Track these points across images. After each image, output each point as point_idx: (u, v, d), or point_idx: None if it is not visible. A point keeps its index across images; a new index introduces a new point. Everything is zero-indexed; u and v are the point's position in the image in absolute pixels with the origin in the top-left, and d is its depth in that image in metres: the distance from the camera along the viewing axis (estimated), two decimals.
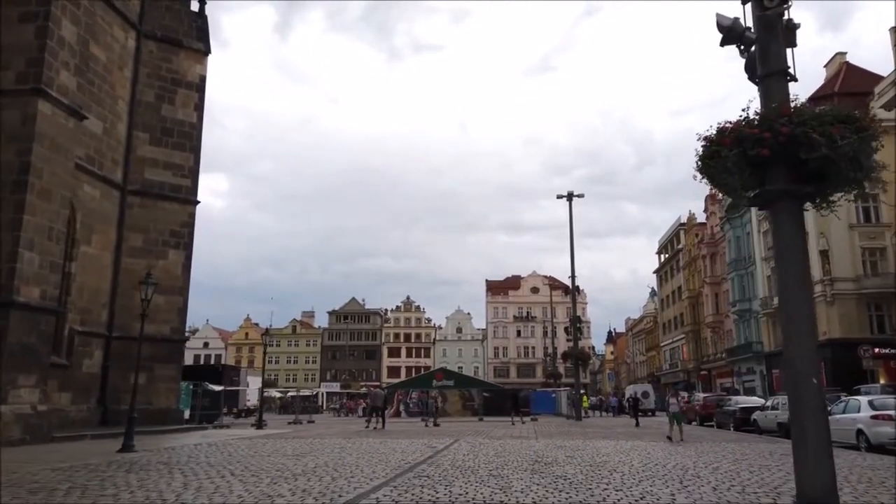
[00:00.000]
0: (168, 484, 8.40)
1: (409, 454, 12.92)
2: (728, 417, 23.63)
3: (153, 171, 22.57)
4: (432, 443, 16.07)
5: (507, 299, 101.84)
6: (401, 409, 37.86)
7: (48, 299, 15.39)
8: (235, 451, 13.62)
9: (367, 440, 17.18)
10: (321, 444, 15.58)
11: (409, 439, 17.59)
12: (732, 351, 53.88)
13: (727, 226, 54.31)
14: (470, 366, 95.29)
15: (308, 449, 14.30)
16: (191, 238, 22.98)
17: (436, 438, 17.82)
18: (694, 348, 66.09)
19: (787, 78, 6.95)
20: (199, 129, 23.83)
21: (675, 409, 17.67)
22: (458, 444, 15.70)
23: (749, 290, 51.03)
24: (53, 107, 15.57)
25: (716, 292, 59.47)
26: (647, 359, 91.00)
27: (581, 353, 34.96)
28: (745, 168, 6.53)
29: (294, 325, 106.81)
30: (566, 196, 36.65)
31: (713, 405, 26.81)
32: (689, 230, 69.84)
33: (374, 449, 14.24)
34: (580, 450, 14.04)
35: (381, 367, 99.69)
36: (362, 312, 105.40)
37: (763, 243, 47.51)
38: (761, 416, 20.53)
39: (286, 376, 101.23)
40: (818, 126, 6.18)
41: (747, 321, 51.47)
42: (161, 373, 21.66)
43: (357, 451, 13.76)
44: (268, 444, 15.93)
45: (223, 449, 14.31)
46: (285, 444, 15.58)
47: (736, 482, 8.85)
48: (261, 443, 16.32)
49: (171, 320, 22.27)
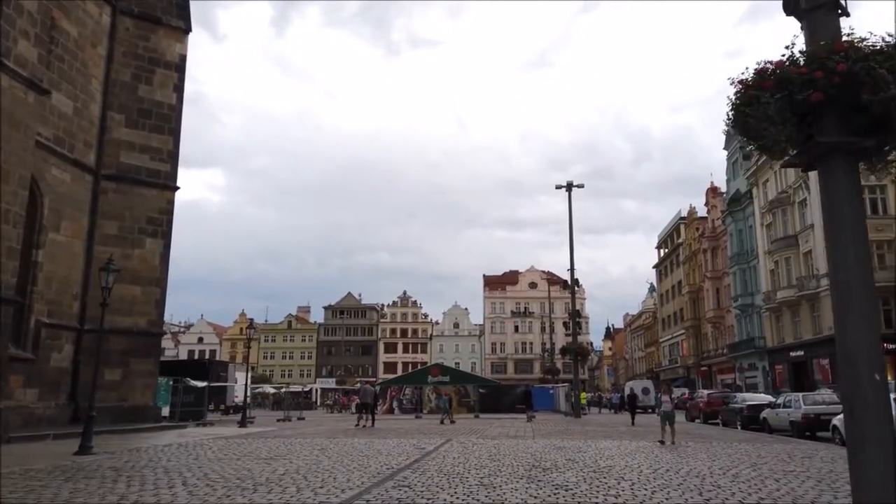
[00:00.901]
0: (103, 496, 7.21)
1: (394, 457, 11.75)
2: (734, 415, 22.48)
3: (129, 155, 21.29)
4: (421, 443, 14.91)
5: (504, 294, 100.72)
6: (394, 406, 36.71)
7: (4, 288, 14.16)
8: (204, 454, 12.45)
9: (353, 440, 16.02)
10: (300, 445, 14.40)
11: (397, 439, 16.43)
12: (734, 346, 52.82)
13: (729, 219, 53.19)
14: (467, 362, 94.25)
15: (285, 451, 13.13)
16: (169, 226, 21.71)
17: (426, 438, 16.66)
18: (694, 344, 65.02)
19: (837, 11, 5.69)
20: (179, 111, 22.55)
21: (667, 407, 15.90)
22: (449, 444, 14.54)
23: (751, 284, 49.94)
24: (10, 78, 14.31)
25: (717, 287, 58.38)
26: (646, 355, 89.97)
27: (580, 347, 33.81)
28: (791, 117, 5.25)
29: (289, 321, 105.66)
30: (565, 186, 35.47)
31: (718, 402, 25.66)
32: (689, 224, 68.69)
33: (357, 451, 13.07)
34: (581, 452, 12.88)
35: (378, 363, 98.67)
36: (359, 307, 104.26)
37: (766, 236, 46.39)
38: (772, 415, 19.39)
39: (281, 372, 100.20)
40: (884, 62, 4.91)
41: (749, 316, 50.39)
42: (137, 368, 20.44)
43: (337, 453, 12.59)
44: (244, 444, 14.76)
45: (192, 451, 13.13)
46: (262, 445, 14.41)
47: (763, 492, 7.69)
48: (237, 443, 15.15)
49: (148, 312, 21.03)
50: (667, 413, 15.56)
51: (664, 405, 16.17)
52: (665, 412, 15.65)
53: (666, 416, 15.46)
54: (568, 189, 35.40)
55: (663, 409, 15.94)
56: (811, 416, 17.08)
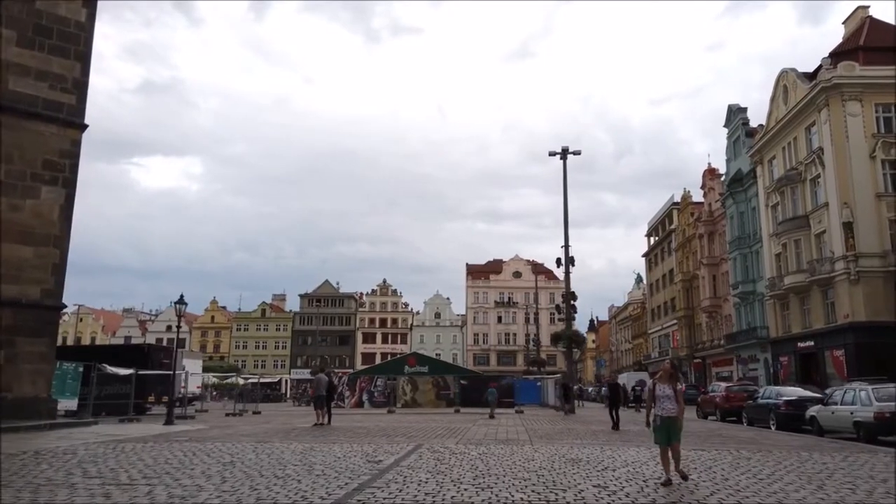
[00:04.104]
0: None
1: (327, 482, 7.64)
2: (764, 413, 18.69)
3: (21, 82, 16.77)
4: (378, 453, 10.81)
5: (488, 284, 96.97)
6: (363, 399, 32.55)
7: None
8: (41, 472, 8.23)
9: (287, 446, 11.87)
10: (206, 456, 10.24)
11: (349, 444, 12.30)
12: (732, 337, 49.46)
13: (729, 201, 49.66)
14: (448, 353, 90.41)
15: (176, 464, 8.98)
16: (73, 173, 17.23)
17: (388, 443, 12.54)
18: (687, 335, 61.71)
19: None
20: (90, 31, 18.03)
21: (670, 413, 8.01)
22: (415, 455, 10.45)
23: (753, 270, 46.52)
24: None
25: (713, 274, 55.02)
26: (634, 346, 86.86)
27: (574, 334, 29.87)
28: None
29: (263, 309, 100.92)
30: (560, 154, 31.51)
31: (740, 397, 21.87)
32: (683, 209, 65.28)
33: (275, 466, 8.96)
34: (608, 469, 8.91)
35: (356, 354, 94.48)
36: (336, 296, 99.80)
37: (771, 218, 42.92)
38: (824, 413, 15.56)
39: (254, 362, 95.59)
40: None
41: (751, 304, 46.99)
42: (25, 350, 16.01)
43: (243, 471, 8.45)
44: (125, 454, 10.56)
45: (34, 466, 8.89)
46: (150, 456, 10.24)
47: None
48: (127, 449, 10.96)
49: (41, 280, 16.59)
50: (667, 422, 7.94)
51: (663, 405, 8.04)
52: (665, 421, 7.96)
53: (666, 429, 7.92)
54: (563, 156, 31.49)
55: (662, 413, 8.01)
56: (886, 415, 13.23)
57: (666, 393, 8.05)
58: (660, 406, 8.04)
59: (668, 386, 8.14)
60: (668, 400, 8.01)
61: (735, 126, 50.12)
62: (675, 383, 8.28)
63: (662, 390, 8.09)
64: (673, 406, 7.98)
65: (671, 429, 7.92)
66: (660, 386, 8.18)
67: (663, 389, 8.10)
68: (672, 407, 7.97)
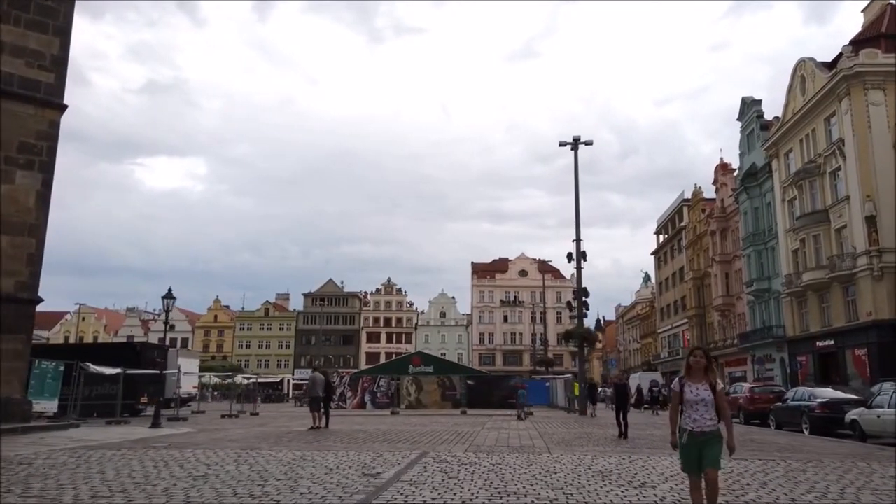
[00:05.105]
0: None
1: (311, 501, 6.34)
2: (795, 415, 17.30)
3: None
4: (377, 463, 9.51)
5: (493, 283, 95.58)
6: (365, 400, 31.27)
7: None
8: None
9: (276, 454, 10.59)
10: (184, 465, 8.98)
11: (345, 452, 11.00)
12: (746, 336, 48.01)
13: (743, 196, 48.17)
14: (454, 352, 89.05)
15: (139, 478, 7.71)
16: (51, 156, 15.99)
17: (389, 451, 11.24)
18: (698, 334, 60.15)
19: None
20: (70, 4, 16.81)
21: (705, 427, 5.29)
22: (419, 466, 9.15)
23: (769, 267, 45.05)
24: None
25: (726, 272, 53.52)
26: (642, 346, 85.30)
27: (587, 332, 28.48)
28: None
29: (267, 308, 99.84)
30: (571, 144, 30.19)
31: (766, 398, 20.45)
32: (694, 206, 63.75)
33: (259, 480, 7.67)
34: (642, 482, 7.58)
35: (360, 353, 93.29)
36: (340, 295, 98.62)
37: (788, 213, 41.44)
38: (869, 417, 14.17)
39: (258, 362, 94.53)
40: None
41: (766, 302, 45.52)
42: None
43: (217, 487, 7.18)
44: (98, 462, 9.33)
45: None
46: (127, 464, 9.01)
47: None
48: (92, 458, 9.71)
49: (16, 272, 15.35)
50: (697, 441, 5.29)
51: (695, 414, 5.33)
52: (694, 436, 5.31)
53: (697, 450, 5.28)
54: (574, 147, 30.16)
55: (691, 425, 5.33)
56: None
57: (699, 396, 5.25)
58: (689, 416, 5.27)
59: (703, 385, 5.31)
60: (702, 407, 5.22)
61: (749, 119, 48.64)
62: (713, 380, 5.42)
63: (694, 392, 5.29)
64: (711, 416, 5.20)
65: (706, 450, 5.14)
66: (690, 386, 5.36)
67: (695, 391, 5.29)
68: (710, 417, 5.20)
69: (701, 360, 5.47)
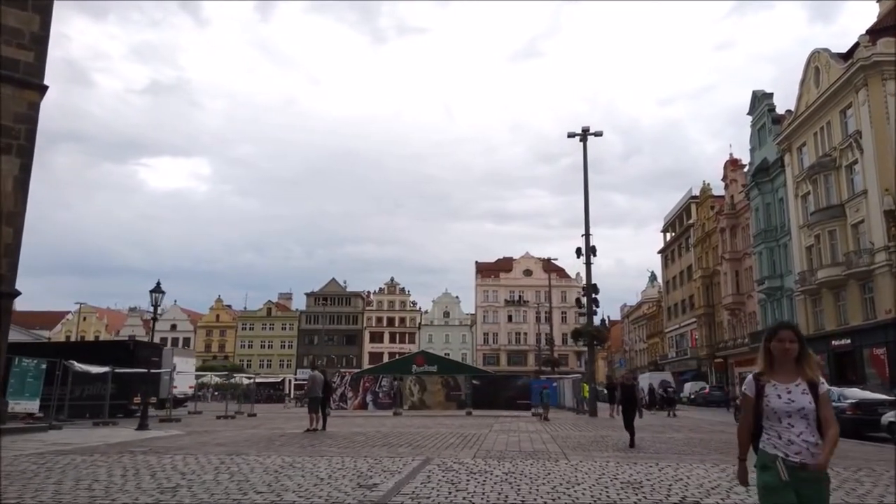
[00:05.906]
0: None
1: None
2: None
3: None
4: (375, 472, 8.47)
5: (497, 282, 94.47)
6: (367, 400, 30.26)
7: None
8: None
9: (267, 459, 9.59)
10: (157, 474, 8.00)
11: (340, 458, 9.97)
12: (757, 335, 46.76)
13: (754, 191, 47.00)
14: (457, 352, 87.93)
15: (100, 491, 6.75)
16: (30, 140, 15.03)
17: (389, 457, 10.21)
18: (707, 333, 59.01)
19: None
20: None
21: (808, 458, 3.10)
22: (422, 476, 8.12)
23: (781, 264, 43.89)
24: None
25: (736, 269, 52.38)
26: (649, 346, 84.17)
27: (597, 330, 27.42)
28: None
29: (269, 308, 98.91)
30: (579, 134, 29.13)
31: None
32: (702, 203, 62.61)
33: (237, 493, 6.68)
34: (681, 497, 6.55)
35: (363, 353, 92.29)
36: (343, 294, 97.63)
37: (801, 209, 40.29)
38: None
39: (260, 362, 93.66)
40: None
41: (778, 301, 44.36)
42: None
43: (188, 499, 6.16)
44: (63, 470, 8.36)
45: None
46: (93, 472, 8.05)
47: None
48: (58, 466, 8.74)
49: None
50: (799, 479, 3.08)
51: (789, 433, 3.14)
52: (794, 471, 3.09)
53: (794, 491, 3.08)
54: (583, 138, 29.10)
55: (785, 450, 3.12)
56: None
57: (794, 403, 3.18)
58: (778, 435, 3.19)
59: (798, 384, 3.22)
60: (799, 420, 3.17)
61: (760, 113, 47.49)
62: (814, 376, 3.24)
63: (785, 396, 3.20)
64: (815, 437, 3.14)
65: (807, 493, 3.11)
66: (776, 387, 3.24)
67: (786, 394, 3.21)
68: (814, 440, 3.14)
69: (792, 345, 3.28)
